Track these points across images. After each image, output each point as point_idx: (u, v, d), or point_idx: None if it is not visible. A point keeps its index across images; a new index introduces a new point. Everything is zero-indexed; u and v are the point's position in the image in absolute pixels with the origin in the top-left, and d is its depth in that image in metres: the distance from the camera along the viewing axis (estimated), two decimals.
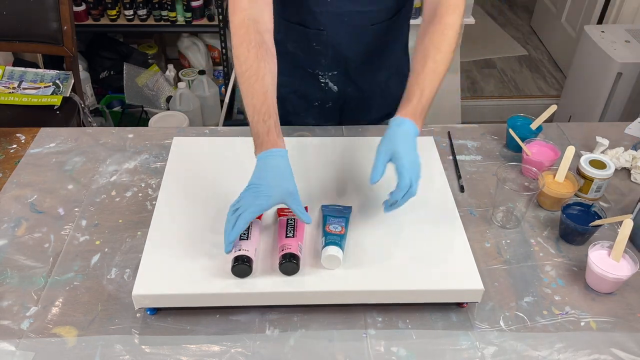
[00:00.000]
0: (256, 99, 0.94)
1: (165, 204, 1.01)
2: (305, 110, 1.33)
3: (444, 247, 0.95)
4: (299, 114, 1.34)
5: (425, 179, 1.09)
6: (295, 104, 1.32)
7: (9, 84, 1.92)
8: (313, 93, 1.29)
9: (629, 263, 0.95)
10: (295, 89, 1.29)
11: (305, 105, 1.32)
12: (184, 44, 2.91)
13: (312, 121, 1.35)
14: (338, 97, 1.30)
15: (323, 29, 1.16)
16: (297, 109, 1.33)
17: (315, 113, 1.34)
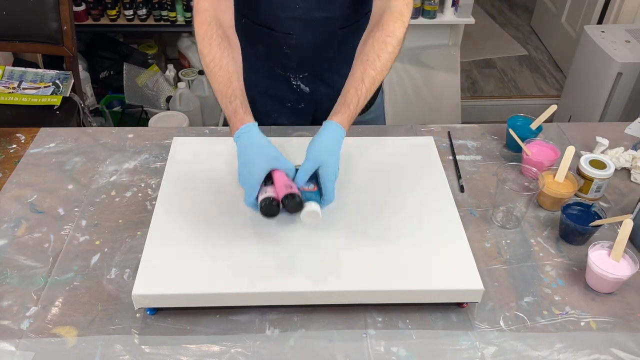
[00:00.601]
0: (222, 84, 0.99)
1: (165, 204, 1.01)
2: (277, 111, 1.33)
3: (444, 247, 0.95)
4: (271, 115, 1.33)
5: (425, 179, 1.09)
6: (267, 104, 1.31)
7: (9, 84, 1.92)
8: (285, 94, 1.29)
9: (629, 263, 0.95)
10: (267, 89, 1.29)
11: (277, 106, 1.32)
12: (184, 44, 2.91)
13: (284, 121, 1.34)
14: (310, 97, 1.30)
15: (292, 33, 1.16)
16: (269, 109, 1.32)
17: (287, 114, 1.33)
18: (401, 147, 1.18)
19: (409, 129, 1.34)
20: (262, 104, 1.30)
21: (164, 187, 1.06)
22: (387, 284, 0.89)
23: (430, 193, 1.06)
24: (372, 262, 0.92)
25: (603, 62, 2.40)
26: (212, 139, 1.21)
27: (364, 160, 1.14)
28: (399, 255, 0.93)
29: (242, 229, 0.97)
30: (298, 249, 0.93)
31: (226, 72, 0.99)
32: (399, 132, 1.32)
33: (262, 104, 1.30)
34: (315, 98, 1.30)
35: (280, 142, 1.19)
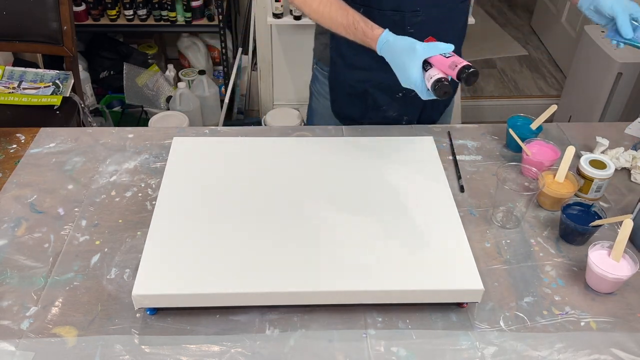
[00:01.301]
0: (339, 16, 1.05)
1: (165, 204, 1.01)
2: (387, 103, 1.33)
3: (444, 247, 0.95)
4: (380, 108, 1.33)
5: (425, 179, 1.09)
6: (377, 98, 1.32)
7: (9, 84, 1.92)
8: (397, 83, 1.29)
9: (629, 263, 0.95)
10: (379, 82, 1.29)
11: (388, 99, 1.32)
12: (184, 44, 2.91)
13: (392, 113, 1.34)
14: None
15: (419, 9, 1.16)
16: (378, 102, 1.32)
17: (396, 105, 1.33)
18: (401, 147, 1.18)
19: (409, 129, 1.34)
20: (372, 98, 1.32)
21: (164, 187, 1.06)
22: (387, 284, 0.89)
23: (430, 193, 1.06)
24: (372, 262, 0.92)
25: (603, 62, 2.40)
26: (212, 139, 1.21)
27: (364, 160, 1.14)
28: (399, 255, 0.93)
29: (242, 229, 0.97)
30: (298, 249, 0.93)
31: (337, 6, 1.05)
32: (399, 132, 1.32)
33: (372, 98, 1.31)
34: None
35: (281, 142, 1.20)
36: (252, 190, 1.05)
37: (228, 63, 2.73)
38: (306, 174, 1.10)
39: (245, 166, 1.11)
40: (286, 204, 1.02)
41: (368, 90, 1.30)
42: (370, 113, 1.34)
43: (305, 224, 0.98)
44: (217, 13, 2.52)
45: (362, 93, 1.29)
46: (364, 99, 1.30)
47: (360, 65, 1.25)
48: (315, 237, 0.96)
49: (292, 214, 1.00)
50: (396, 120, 1.36)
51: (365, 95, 1.30)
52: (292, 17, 2.51)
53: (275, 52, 2.80)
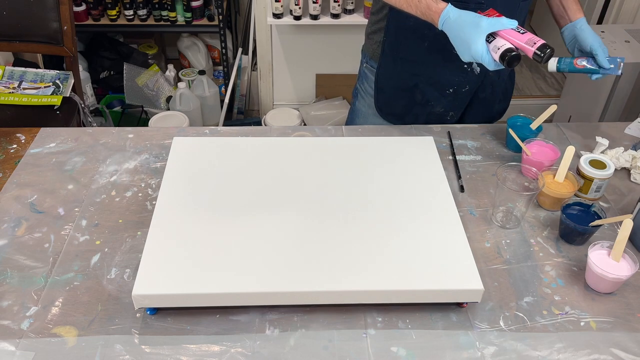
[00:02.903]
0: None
1: (165, 204, 1.01)
2: (436, 99, 1.33)
3: (444, 247, 0.95)
4: (428, 103, 1.34)
5: (425, 179, 1.09)
6: (426, 93, 1.32)
7: (9, 84, 1.92)
8: (450, 78, 1.30)
9: (628, 263, 0.95)
10: (429, 77, 1.30)
11: (437, 94, 1.33)
12: (184, 44, 2.91)
13: (440, 109, 1.35)
14: (477, 79, 1.31)
15: (483, 2, 1.16)
16: (427, 97, 1.33)
17: (445, 101, 1.34)
18: (401, 147, 1.18)
19: (409, 129, 1.34)
20: (421, 94, 1.33)
21: (164, 187, 1.06)
22: (387, 284, 0.89)
23: (430, 193, 1.06)
24: (372, 262, 0.92)
25: None
26: (212, 139, 1.21)
27: (364, 160, 1.14)
28: (399, 255, 0.93)
29: (242, 229, 0.97)
30: (298, 249, 0.93)
31: None
32: (399, 132, 1.32)
33: (420, 93, 1.33)
34: (481, 81, 1.32)
35: (281, 142, 1.20)
36: (252, 190, 1.05)
37: (228, 63, 2.73)
38: (306, 174, 1.10)
39: (245, 166, 1.11)
40: (286, 204, 1.02)
41: (418, 85, 1.31)
42: (416, 108, 1.35)
43: (305, 224, 0.98)
44: (217, 13, 2.52)
45: (412, 87, 1.31)
46: (412, 93, 1.32)
47: (414, 58, 1.27)
48: (315, 237, 0.96)
49: (292, 214, 1.00)
50: (441, 116, 1.37)
51: (414, 89, 1.31)
52: (292, 17, 2.51)
53: (275, 52, 2.81)
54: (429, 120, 1.38)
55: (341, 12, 2.52)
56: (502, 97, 1.43)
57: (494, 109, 1.43)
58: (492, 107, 1.42)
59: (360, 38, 1.43)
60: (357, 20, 2.52)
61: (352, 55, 2.77)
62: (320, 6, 2.47)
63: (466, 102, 1.36)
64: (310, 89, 2.95)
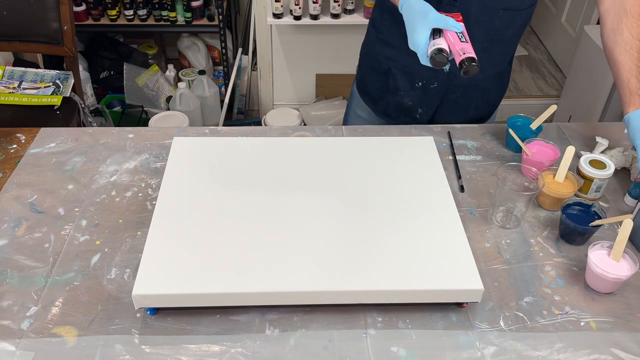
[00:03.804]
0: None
1: (165, 204, 1.02)
2: (407, 89, 1.33)
3: (444, 247, 0.95)
4: (397, 92, 1.34)
5: (425, 179, 1.09)
6: (398, 80, 1.33)
7: (9, 84, 1.92)
8: (421, 70, 1.29)
9: (628, 263, 0.95)
10: (402, 65, 1.30)
11: (407, 84, 1.33)
12: (184, 44, 2.91)
13: (408, 102, 1.35)
14: (446, 79, 1.30)
15: (457, 1, 1.15)
16: (398, 85, 1.33)
17: (414, 95, 1.34)
18: (401, 147, 1.18)
19: (409, 129, 1.34)
20: (393, 80, 1.33)
21: (164, 187, 1.06)
22: (387, 284, 0.89)
23: (430, 193, 1.06)
24: (372, 262, 0.92)
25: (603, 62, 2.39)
26: (212, 139, 1.21)
27: (364, 160, 1.14)
28: (399, 255, 0.93)
29: (242, 228, 0.97)
30: (298, 249, 0.93)
31: None
32: (399, 132, 1.32)
33: (393, 79, 1.33)
34: (450, 81, 1.30)
35: (281, 142, 1.20)
36: (252, 190, 1.05)
37: (228, 63, 2.73)
38: (306, 174, 1.10)
39: (245, 166, 1.11)
40: (286, 204, 1.02)
41: (391, 70, 1.32)
42: (387, 95, 1.36)
43: (305, 224, 0.98)
44: (217, 13, 2.52)
45: (386, 71, 1.32)
46: (386, 78, 1.33)
47: (390, 41, 1.27)
48: (315, 237, 0.96)
49: (292, 214, 1.00)
50: (410, 110, 1.36)
51: (387, 74, 1.32)
52: (292, 17, 2.51)
53: (275, 52, 2.81)
54: (399, 112, 1.37)
55: (341, 12, 2.52)
56: (481, 104, 1.39)
57: (468, 114, 1.39)
58: (466, 112, 1.39)
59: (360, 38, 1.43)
60: (357, 20, 2.52)
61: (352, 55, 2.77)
62: (320, 6, 2.48)
63: (436, 101, 1.35)
64: (310, 89, 2.95)
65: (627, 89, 1.12)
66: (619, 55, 1.15)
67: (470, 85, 1.32)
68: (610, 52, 1.17)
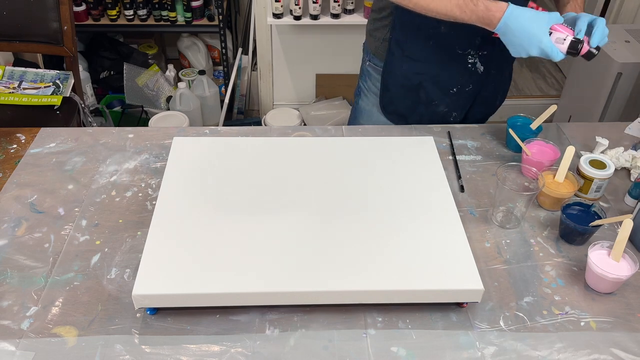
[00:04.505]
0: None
1: (165, 204, 1.02)
2: (439, 98, 1.34)
3: (444, 247, 0.95)
4: (431, 103, 1.35)
5: (425, 179, 1.09)
6: (430, 92, 1.33)
7: (9, 84, 1.92)
8: (454, 77, 1.31)
9: (628, 263, 0.95)
10: (434, 76, 1.31)
11: (440, 94, 1.33)
12: (184, 44, 2.91)
13: (444, 108, 1.36)
14: (480, 79, 1.31)
15: None
16: (431, 96, 1.34)
17: (448, 101, 1.35)
18: (401, 147, 1.18)
19: (409, 129, 1.34)
20: (425, 93, 1.33)
21: (164, 187, 1.06)
22: (387, 284, 0.89)
23: (430, 193, 1.06)
24: (372, 262, 0.92)
25: (603, 62, 2.39)
26: (212, 139, 1.21)
27: (364, 160, 1.14)
28: (399, 255, 0.93)
29: (242, 228, 0.97)
30: (298, 249, 0.93)
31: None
32: (399, 132, 1.32)
33: (425, 92, 1.33)
34: (484, 80, 1.32)
35: (281, 142, 1.20)
36: (252, 191, 1.05)
37: (228, 63, 2.73)
38: (306, 174, 1.10)
39: (245, 166, 1.11)
40: (286, 204, 1.02)
41: (422, 84, 1.32)
42: (420, 108, 1.36)
43: (305, 224, 0.98)
44: (217, 13, 2.52)
45: (416, 86, 1.32)
46: (417, 92, 1.33)
47: (419, 57, 1.28)
48: (315, 237, 0.96)
49: (292, 214, 1.00)
50: (445, 116, 1.37)
51: (418, 88, 1.32)
52: (292, 17, 2.51)
53: (275, 52, 2.81)
54: (433, 120, 1.37)
55: (341, 12, 2.52)
56: (502, 93, 1.45)
57: (495, 105, 1.45)
58: (493, 104, 1.44)
59: (360, 38, 1.43)
60: (357, 20, 2.52)
61: (352, 55, 2.77)
62: (320, 6, 2.47)
63: (470, 101, 1.36)
64: (310, 89, 2.95)
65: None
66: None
67: (500, 79, 1.36)
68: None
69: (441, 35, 1.23)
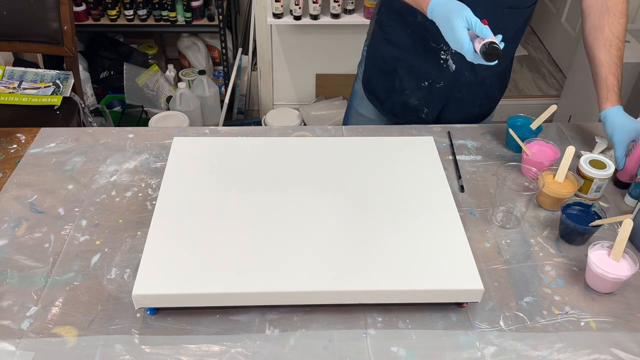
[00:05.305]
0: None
1: (165, 204, 1.02)
2: (412, 89, 1.34)
3: (444, 247, 0.95)
4: (404, 92, 1.35)
5: (425, 179, 1.09)
6: (404, 79, 1.33)
7: (9, 84, 1.92)
8: (427, 71, 1.30)
9: (628, 263, 0.95)
10: (409, 64, 1.31)
11: (414, 85, 1.33)
12: (184, 44, 2.91)
13: (414, 101, 1.35)
14: (452, 78, 1.30)
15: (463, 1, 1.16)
16: (404, 85, 1.34)
17: (420, 95, 1.34)
18: (401, 147, 1.18)
19: (409, 129, 1.34)
20: (399, 79, 1.34)
21: (164, 187, 1.06)
22: (387, 284, 0.89)
23: (430, 193, 1.06)
24: (372, 262, 0.92)
25: None
26: (212, 139, 1.21)
27: (364, 160, 1.14)
28: (399, 255, 0.93)
29: (242, 229, 0.97)
30: (298, 248, 0.93)
31: None
32: (399, 132, 1.32)
33: (399, 79, 1.34)
34: (456, 80, 1.31)
35: (281, 142, 1.20)
36: (252, 191, 1.05)
37: (228, 63, 2.73)
38: (306, 174, 1.10)
39: (245, 166, 1.11)
40: (286, 204, 1.02)
41: (397, 70, 1.32)
42: (394, 95, 1.37)
43: (305, 224, 0.98)
44: (217, 13, 2.52)
45: (392, 71, 1.32)
46: (392, 78, 1.33)
47: (397, 42, 1.28)
48: (315, 237, 0.96)
49: (292, 214, 1.00)
50: (416, 110, 1.37)
51: (394, 74, 1.33)
52: (292, 17, 2.51)
53: (275, 52, 2.81)
54: (405, 112, 1.38)
55: (341, 12, 2.52)
56: (485, 101, 1.40)
57: (473, 112, 1.41)
58: (471, 110, 1.40)
59: (360, 38, 1.44)
60: (357, 20, 2.52)
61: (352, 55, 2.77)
62: (320, 6, 2.47)
63: (442, 101, 1.35)
64: (310, 89, 2.95)
65: (605, 86, 1.16)
66: (599, 52, 1.17)
67: (475, 83, 1.33)
68: (590, 48, 1.19)
69: (418, 25, 1.24)
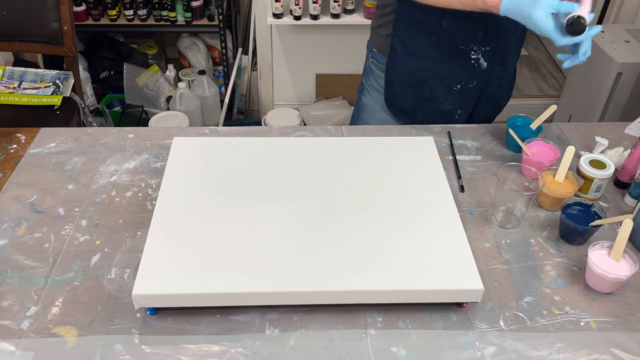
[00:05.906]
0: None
1: (165, 204, 1.02)
2: (444, 95, 1.33)
3: (444, 247, 0.95)
4: (436, 100, 1.34)
5: (425, 179, 1.09)
6: (434, 89, 1.33)
7: (9, 84, 1.92)
8: (458, 73, 1.30)
9: (628, 263, 0.95)
10: (438, 72, 1.30)
11: (445, 90, 1.33)
12: (184, 44, 2.91)
13: (448, 106, 1.35)
14: (484, 75, 1.31)
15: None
16: (435, 94, 1.33)
17: (453, 99, 1.34)
18: (401, 147, 1.18)
19: (409, 129, 1.34)
20: (429, 90, 1.33)
21: (164, 187, 1.06)
22: (387, 284, 0.89)
23: (430, 193, 1.06)
24: (372, 262, 0.92)
25: (603, 62, 2.40)
26: (212, 139, 1.21)
27: (364, 160, 1.14)
28: (399, 255, 0.93)
29: (242, 229, 0.97)
30: (298, 248, 0.94)
31: None
32: (399, 132, 1.32)
33: (428, 89, 1.33)
34: (488, 76, 1.31)
35: (281, 142, 1.20)
36: (252, 191, 1.05)
37: (228, 63, 2.73)
38: (306, 174, 1.10)
39: (245, 166, 1.11)
40: (286, 204, 1.02)
41: (426, 80, 1.31)
42: (424, 105, 1.36)
43: (305, 224, 0.98)
44: (217, 13, 2.52)
45: (420, 83, 1.31)
46: (421, 89, 1.32)
47: (422, 53, 1.27)
48: (315, 237, 0.96)
49: (292, 214, 1.00)
50: (449, 114, 1.37)
51: (422, 85, 1.32)
52: (292, 17, 2.51)
53: (275, 52, 2.81)
54: (438, 118, 1.37)
55: (341, 12, 2.52)
56: (509, 92, 1.44)
57: (500, 104, 1.44)
58: (499, 103, 1.43)
59: (360, 38, 1.44)
60: (357, 20, 2.52)
61: (352, 55, 2.78)
62: (320, 6, 2.47)
63: (474, 99, 1.36)
64: (310, 89, 2.95)
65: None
66: None
67: (504, 75, 1.34)
68: None
69: (443, 31, 1.23)
